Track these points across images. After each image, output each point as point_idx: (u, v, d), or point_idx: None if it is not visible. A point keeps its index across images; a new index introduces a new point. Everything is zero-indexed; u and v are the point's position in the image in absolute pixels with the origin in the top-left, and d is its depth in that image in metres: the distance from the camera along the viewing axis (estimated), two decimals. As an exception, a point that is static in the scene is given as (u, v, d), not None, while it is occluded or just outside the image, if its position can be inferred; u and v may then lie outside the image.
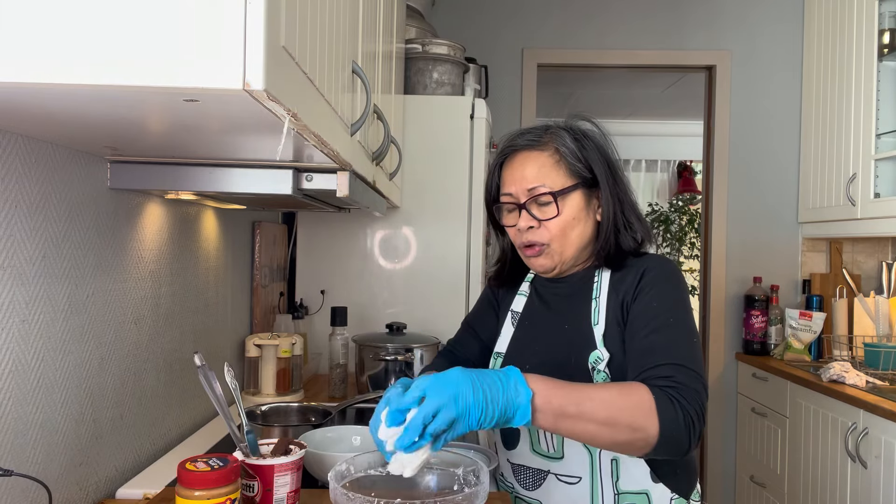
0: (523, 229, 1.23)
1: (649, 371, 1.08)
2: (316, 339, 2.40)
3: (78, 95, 0.72)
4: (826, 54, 3.12)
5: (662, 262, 1.23)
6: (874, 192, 2.74)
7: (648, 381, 1.06)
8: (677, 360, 1.08)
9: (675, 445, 1.02)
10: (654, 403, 1.01)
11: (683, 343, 1.11)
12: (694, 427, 1.03)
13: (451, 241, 2.37)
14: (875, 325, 2.91)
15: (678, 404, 1.02)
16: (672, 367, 1.07)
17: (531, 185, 1.21)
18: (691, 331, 1.15)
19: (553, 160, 1.22)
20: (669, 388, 1.04)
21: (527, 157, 1.24)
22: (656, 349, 1.11)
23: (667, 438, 1.01)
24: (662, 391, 1.03)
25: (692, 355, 1.10)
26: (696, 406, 1.04)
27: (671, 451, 1.03)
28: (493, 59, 3.26)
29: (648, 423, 1.00)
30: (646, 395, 1.02)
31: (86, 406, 1.23)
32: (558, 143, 1.23)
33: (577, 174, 1.22)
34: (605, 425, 0.99)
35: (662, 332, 1.13)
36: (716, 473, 3.41)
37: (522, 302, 1.36)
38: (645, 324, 1.15)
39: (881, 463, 2.21)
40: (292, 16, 0.77)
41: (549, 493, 1.22)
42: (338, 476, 0.99)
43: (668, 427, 1.00)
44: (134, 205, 1.40)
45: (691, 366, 1.08)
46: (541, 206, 1.22)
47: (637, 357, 1.13)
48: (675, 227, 6.02)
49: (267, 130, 0.88)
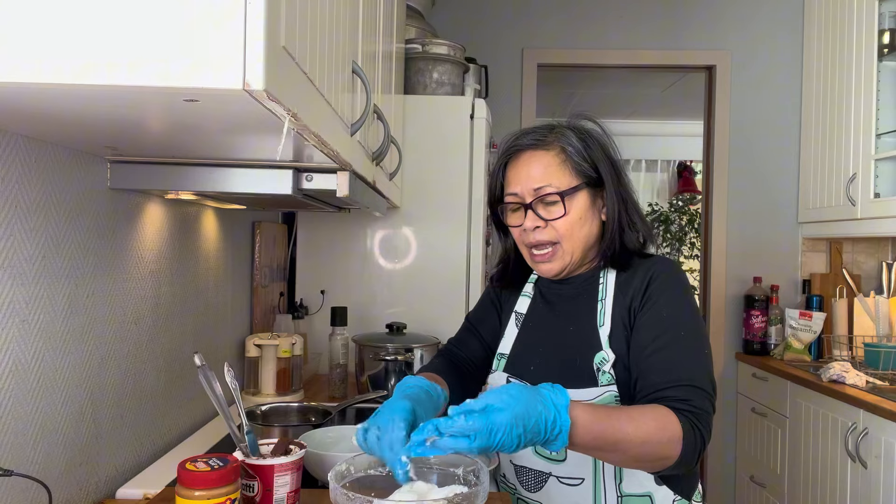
0: (529, 229, 1.23)
1: (667, 391, 1.10)
2: (316, 339, 2.40)
3: (78, 95, 0.72)
4: (826, 54, 3.12)
5: (669, 266, 1.24)
6: (874, 192, 2.74)
7: (667, 402, 1.08)
8: (694, 382, 1.10)
9: (684, 467, 1.07)
10: (682, 433, 1.04)
11: (697, 359, 1.14)
12: (704, 449, 1.08)
13: (451, 241, 2.37)
14: (875, 325, 2.91)
15: (697, 432, 1.06)
16: (690, 389, 1.09)
17: (537, 185, 1.21)
18: (703, 340, 1.17)
19: (559, 160, 1.22)
20: (689, 412, 1.07)
21: (532, 156, 1.23)
22: (672, 368, 1.12)
23: (681, 462, 1.06)
24: (685, 417, 1.06)
25: (706, 373, 1.13)
26: (707, 430, 1.08)
27: (679, 470, 1.09)
28: (493, 59, 3.25)
29: (674, 452, 1.04)
30: (676, 426, 1.04)
31: (86, 406, 1.23)
32: (564, 142, 1.23)
33: (582, 174, 1.22)
34: (635, 460, 1.05)
35: (675, 347, 1.14)
36: (716, 473, 3.41)
37: (526, 303, 1.36)
38: (656, 335, 1.16)
39: (881, 463, 2.21)
40: (292, 16, 0.77)
41: (551, 495, 1.22)
42: (338, 476, 0.99)
43: (686, 453, 1.05)
44: (134, 205, 1.40)
45: (706, 387, 1.11)
46: (547, 206, 1.22)
47: (652, 373, 1.13)
48: (675, 227, 6.02)
49: (267, 130, 0.88)
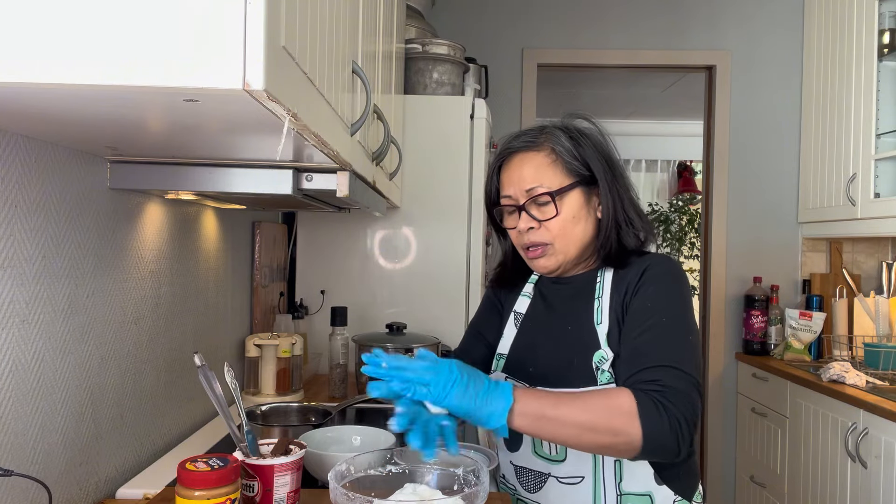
0: (524, 230, 1.23)
1: (638, 374, 1.08)
2: (316, 339, 2.40)
3: (78, 95, 0.72)
4: (826, 54, 3.12)
5: (663, 259, 1.23)
6: (874, 192, 2.74)
7: (635, 385, 1.06)
8: (667, 362, 1.07)
9: (661, 450, 1.03)
10: (637, 408, 1.01)
11: (676, 343, 1.11)
12: (681, 431, 1.02)
13: (451, 241, 2.37)
14: (875, 325, 2.91)
15: (662, 408, 1.02)
16: (661, 369, 1.06)
17: (529, 186, 1.21)
18: (688, 329, 1.14)
19: (549, 160, 1.22)
20: (655, 391, 1.04)
21: (523, 158, 1.24)
22: (647, 351, 1.10)
23: (652, 443, 1.01)
24: (647, 395, 1.03)
25: (684, 356, 1.09)
26: (683, 410, 1.03)
27: (659, 455, 1.04)
28: (493, 59, 3.26)
29: (630, 427, 1.01)
30: (626, 400, 1.02)
31: (86, 406, 1.23)
32: (553, 142, 1.23)
33: (574, 172, 1.22)
34: (584, 429, 1.00)
35: (654, 331, 1.12)
36: (716, 473, 3.41)
37: (526, 303, 1.36)
38: (639, 323, 1.14)
39: (881, 463, 2.21)
40: (292, 16, 0.77)
41: (551, 495, 1.22)
42: (338, 476, 0.99)
43: (652, 432, 1.01)
44: (134, 205, 1.40)
45: (682, 367, 1.07)
46: (540, 207, 1.22)
47: (628, 359, 1.13)
48: (675, 227, 6.02)
49: (267, 130, 0.88)
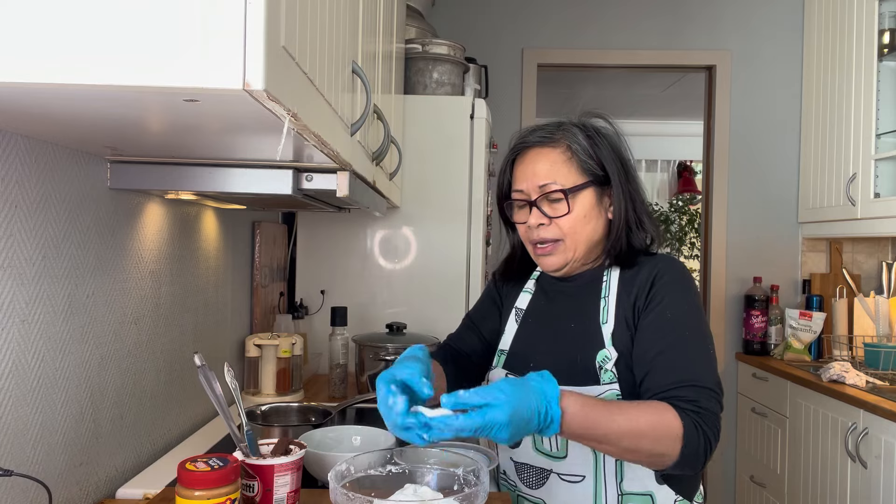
0: (534, 226, 1.23)
1: (673, 391, 1.09)
2: (316, 339, 2.40)
3: (78, 95, 0.72)
4: (826, 54, 3.12)
5: (674, 264, 1.23)
6: (874, 192, 2.74)
7: (676, 402, 1.07)
8: (700, 382, 1.10)
9: (690, 467, 1.07)
10: (683, 431, 1.04)
11: (702, 358, 1.14)
12: (710, 450, 1.07)
13: (451, 241, 2.36)
14: (875, 325, 2.91)
15: (701, 431, 1.05)
16: (696, 389, 1.09)
17: (542, 182, 1.21)
18: (707, 340, 1.17)
19: (565, 157, 1.22)
20: (694, 412, 1.06)
21: (538, 153, 1.24)
22: (677, 367, 1.12)
23: (685, 461, 1.05)
24: (688, 417, 1.05)
25: (711, 372, 1.13)
26: (714, 431, 1.07)
27: (685, 470, 1.08)
28: (493, 59, 3.26)
29: (673, 451, 1.04)
30: (675, 423, 1.04)
31: (86, 406, 1.23)
32: (570, 140, 1.23)
33: (588, 172, 1.22)
34: (630, 452, 1.04)
35: (680, 347, 1.14)
36: (716, 473, 3.40)
37: (527, 299, 1.36)
38: (661, 336, 1.15)
39: (881, 463, 2.21)
40: (292, 16, 0.77)
41: (552, 492, 1.22)
42: (338, 476, 0.99)
43: (689, 453, 1.04)
44: (134, 205, 1.40)
45: (712, 386, 1.10)
46: (552, 203, 1.22)
47: (658, 374, 1.13)
48: (675, 227, 6.02)
49: (267, 130, 0.88)
